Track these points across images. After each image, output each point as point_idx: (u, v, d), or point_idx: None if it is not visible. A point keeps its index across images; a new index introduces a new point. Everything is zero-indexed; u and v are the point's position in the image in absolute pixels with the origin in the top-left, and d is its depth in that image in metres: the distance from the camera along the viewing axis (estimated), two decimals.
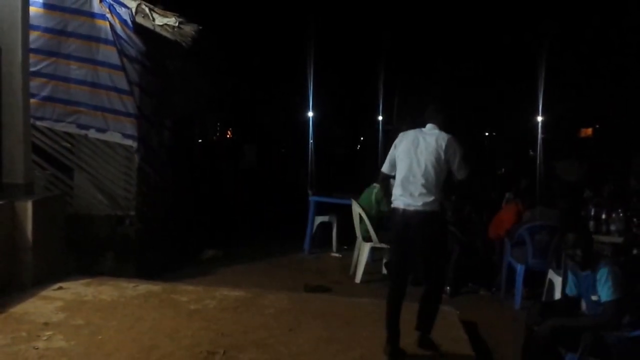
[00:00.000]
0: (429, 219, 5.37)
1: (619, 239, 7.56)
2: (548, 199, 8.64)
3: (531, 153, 19.38)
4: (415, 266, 7.81)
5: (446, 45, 18.66)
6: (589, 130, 25.47)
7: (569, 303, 5.42)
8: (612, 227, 7.81)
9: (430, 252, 5.55)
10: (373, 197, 8.99)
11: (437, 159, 5.40)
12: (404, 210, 5.41)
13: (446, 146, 5.42)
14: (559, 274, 7.07)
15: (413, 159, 5.47)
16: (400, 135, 5.70)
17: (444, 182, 5.46)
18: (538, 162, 13.71)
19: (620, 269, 4.97)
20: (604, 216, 7.94)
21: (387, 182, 5.89)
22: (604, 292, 4.89)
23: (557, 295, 6.94)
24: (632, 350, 4.70)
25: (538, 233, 7.87)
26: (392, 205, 5.57)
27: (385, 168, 5.76)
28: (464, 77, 20.94)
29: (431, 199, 5.35)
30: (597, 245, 6.31)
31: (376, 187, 9.01)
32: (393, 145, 5.72)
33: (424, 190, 5.36)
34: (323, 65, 14.56)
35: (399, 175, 5.54)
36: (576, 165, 14.64)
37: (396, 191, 5.53)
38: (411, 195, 5.39)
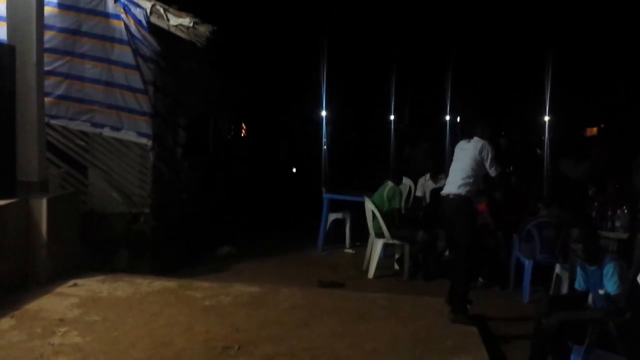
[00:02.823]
0: (456, 200, 6.76)
1: (624, 235, 7.62)
2: (554, 196, 8.74)
3: (538, 151, 19.38)
4: (427, 262, 8.31)
5: (455, 47, 18.67)
6: (595, 130, 25.41)
7: (577, 297, 5.52)
8: (617, 224, 7.81)
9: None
10: (385, 194, 9.05)
11: (469, 161, 6.79)
12: (444, 197, 6.92)
13: (480, 149, 6.78)
14: (566, 269, 7.17)
15: (453, 162, 7.04)
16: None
17: (478, 177, 6.91)
18: (545, 160, 13.78)
19: (625, 264, 5.07)
20: (609, 213, 7.97)
21: None
22: (610, 285, 4.99)
23: (565, 289, 7.05)
24: (637, 343, 4.78)
25: (546, 229, 7.93)
26: None
27: None
28: (473, 78, 20.98)
29: (460, 183, 6.78)
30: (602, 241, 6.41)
31: (389, 184, 9.12)
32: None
33: (455, 182, 6.83)
34: (336, 66, 14.61)
35: None
36: (574, 162, 14.65)
37: None
38: (450, 185, 6.89)
